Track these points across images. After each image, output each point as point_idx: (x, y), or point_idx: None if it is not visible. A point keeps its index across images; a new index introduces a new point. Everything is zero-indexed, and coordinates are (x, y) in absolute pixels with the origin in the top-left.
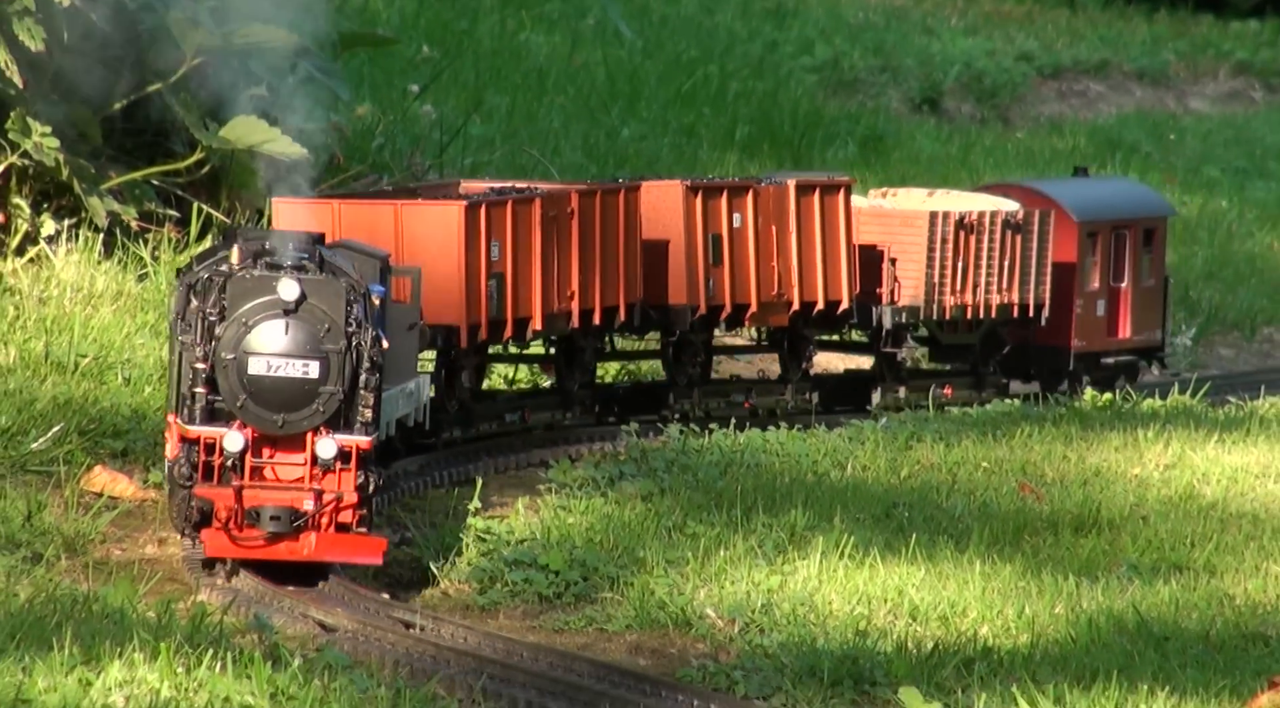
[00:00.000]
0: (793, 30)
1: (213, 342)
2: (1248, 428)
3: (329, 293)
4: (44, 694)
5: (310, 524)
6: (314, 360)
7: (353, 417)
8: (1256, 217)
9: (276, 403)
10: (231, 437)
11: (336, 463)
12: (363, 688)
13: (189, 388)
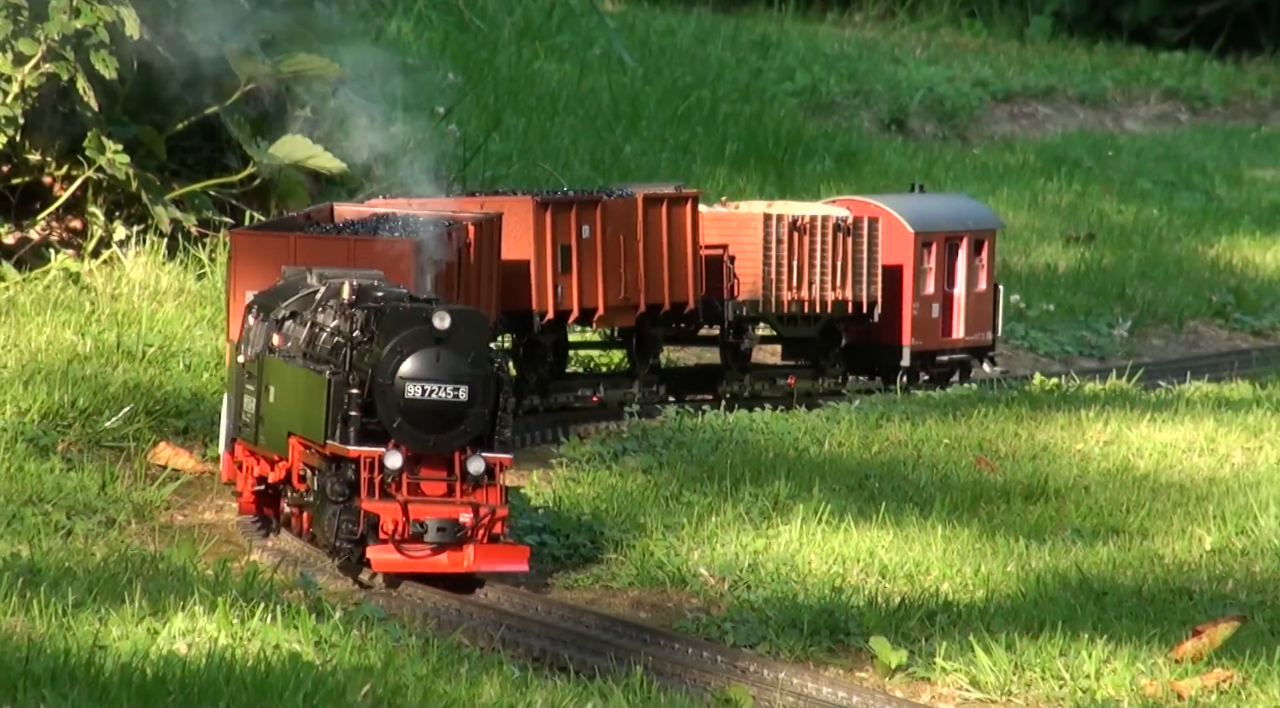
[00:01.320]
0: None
1: (368, 369)
2: (1176, 409)
3: (474, 323)
4: (118, 642)
5: (469, 536)
6: (463, 385)
7: (495, 435)
8: (1183, 223)
9: (429, 424)
10: (391, 456)
11: (484, 478)
12: (396, 638)
13: (344, 412)
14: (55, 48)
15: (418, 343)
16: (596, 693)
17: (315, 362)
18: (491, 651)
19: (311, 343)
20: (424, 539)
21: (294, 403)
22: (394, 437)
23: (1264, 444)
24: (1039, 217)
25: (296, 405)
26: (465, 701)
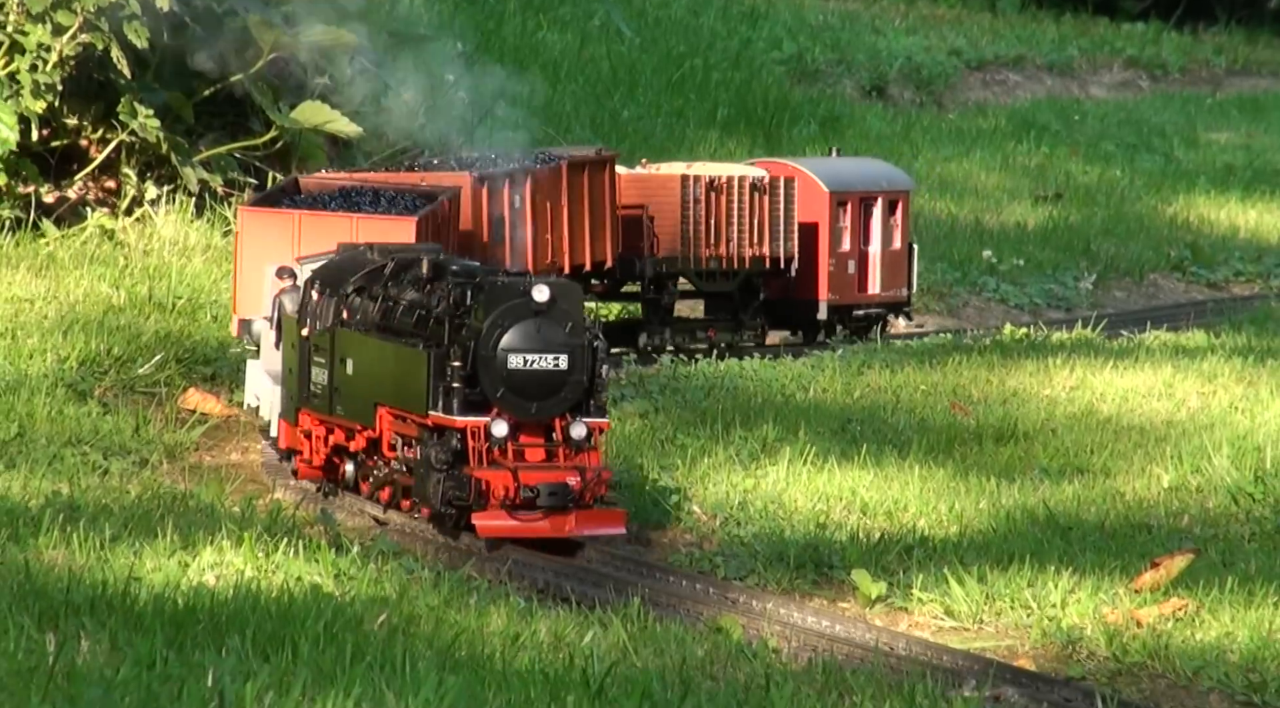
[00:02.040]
0: (764, 30)
1: (469, 342)
2: (1136, 356)
3: (570, 295)
4: (151, 574)
5: (577, 499)
6: (563, 354)
7: (592, 400)
8: (1144, 183)
9: (531, 393)
10: (497, 424)
11: (586, 442)
12: (409, 571)
13: (446, 383)
14: (91, 19)
15: (518, 315)
16: (597, 622)
17: (395, 334)
18: (499, 583)
19: (386, 316)
20: (536, 504)
21: (382, 375)
22: (497, 406)
23: (1218, 389)
24: (1009, 177)
25: (386, 378)
26: (474, 629)
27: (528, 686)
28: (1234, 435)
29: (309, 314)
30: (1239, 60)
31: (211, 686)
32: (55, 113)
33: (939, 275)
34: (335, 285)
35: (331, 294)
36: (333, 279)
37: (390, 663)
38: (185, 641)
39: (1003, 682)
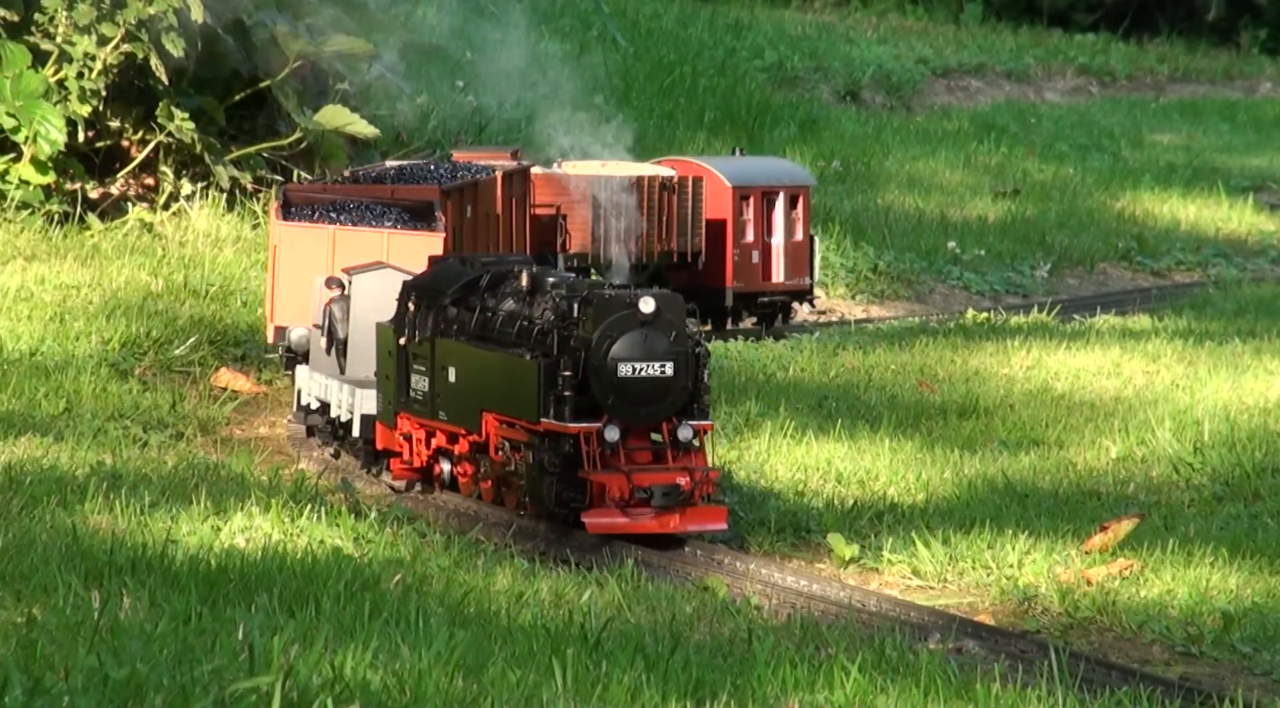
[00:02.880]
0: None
1: (579, 352)
2: (1087, 339)
3: (674, 306)
4: (186, 537)
5: (688, 498)
6: (669, 361)
7: (696, 404)
8: (1094, 181)
9: (640, 399)
10: (610, 430)
11: (692, 444)
12: (422, 535)
13: (557, 392)
14: (132, 30)
15: (626, 326)
16: (594, 582)
17: (497, 344)
18: (504, 546)
19: (485, 326)
20: (650, 504)
21: (488, 383)
22: (609, 412)
23: (1161, 368)
24: (972, 175)
25: (492, 385)
26: (482, 588)
27: (531, 639)
28: (1175, 411)
29: (406, 324)
30: (1180, 68)
31: (241, 639)
32: (99, 116)
33: (908, 264)
34: (433, 297)
35: (429, 305)
36: (429, 291)
37: (405, 619)
38: (218, 598)
39: (964, 635)
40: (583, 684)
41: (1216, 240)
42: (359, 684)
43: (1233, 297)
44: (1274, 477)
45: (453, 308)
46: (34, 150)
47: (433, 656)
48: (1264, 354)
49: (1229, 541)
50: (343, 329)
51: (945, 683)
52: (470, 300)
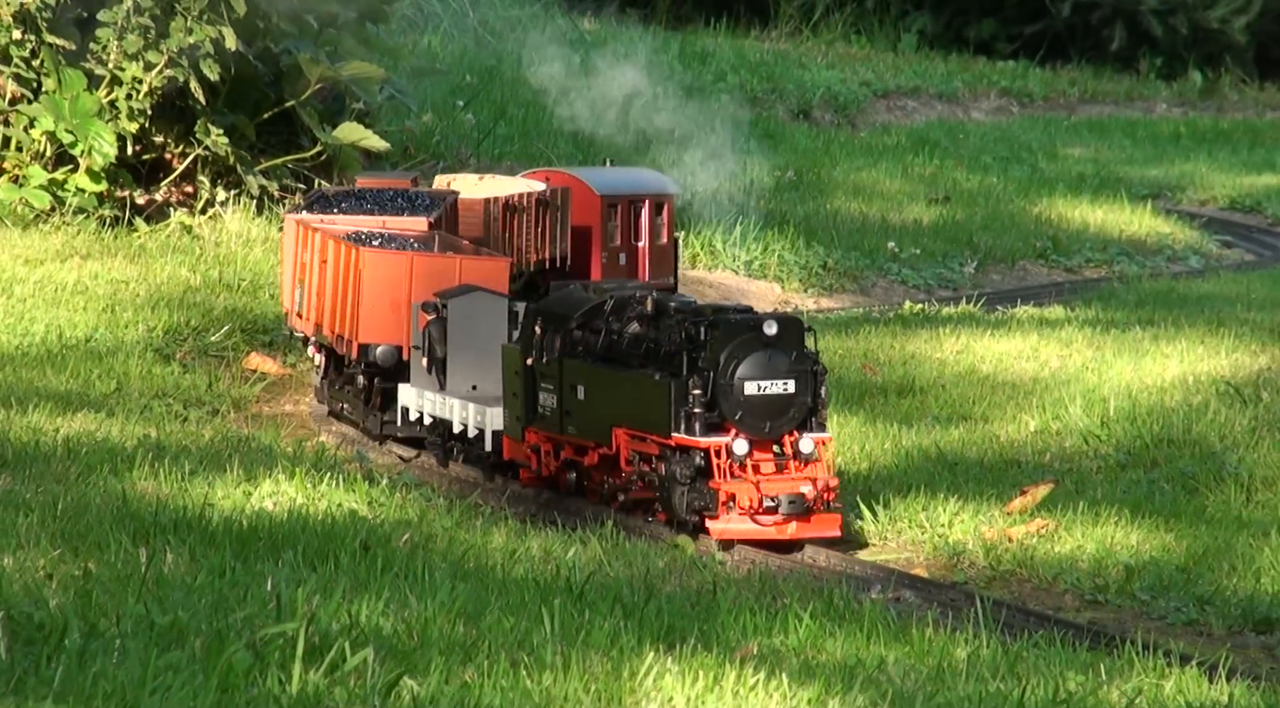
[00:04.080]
0: (711, 65)
1: (707, 372)
2: (1009, 326)
3: (794, 327)
4: (221, 500)
5: (811, 506)
6: (791, 379)
7: (814, 418)
8: (1015, 189)
9: (764, 414)
10: (739, 443)
11: (813, 455)
12: (428, 499)
13: (687, 409)
14: (174, 57)
15: (751, 347)
16: (578, 540)
17: (623, 364)
18: (500, 508)
19: (611, 348)
20: (778, 511)
21: (618, 400)
22: (736, 427)
23: (1073, 353)
24: (908, 184)
25: (622, 403)
26: (480, 546)
27: (523, 591)
28: (1085, 389)
29: (534, 346)
30: (1088, 91)
31: (270, 590)
32: (145, 132)
33: (853, 262)
34: (559, 321)
35: (556, 329)
36: (555, 315)
37: (412, 573)
38: (249, 554)
39: (902, 587)
40: (568, 630)
41: (1120, 241)
42: (373, 630)
43: (1134, 290)
44: (1169, 447)
45: (578, 331)
46: (89, 162)
47: (437, 605)
48: (1161, 340)
49: (1131, 503)
50: (440, 349)
51: (885, 628)
52: (595, 324)
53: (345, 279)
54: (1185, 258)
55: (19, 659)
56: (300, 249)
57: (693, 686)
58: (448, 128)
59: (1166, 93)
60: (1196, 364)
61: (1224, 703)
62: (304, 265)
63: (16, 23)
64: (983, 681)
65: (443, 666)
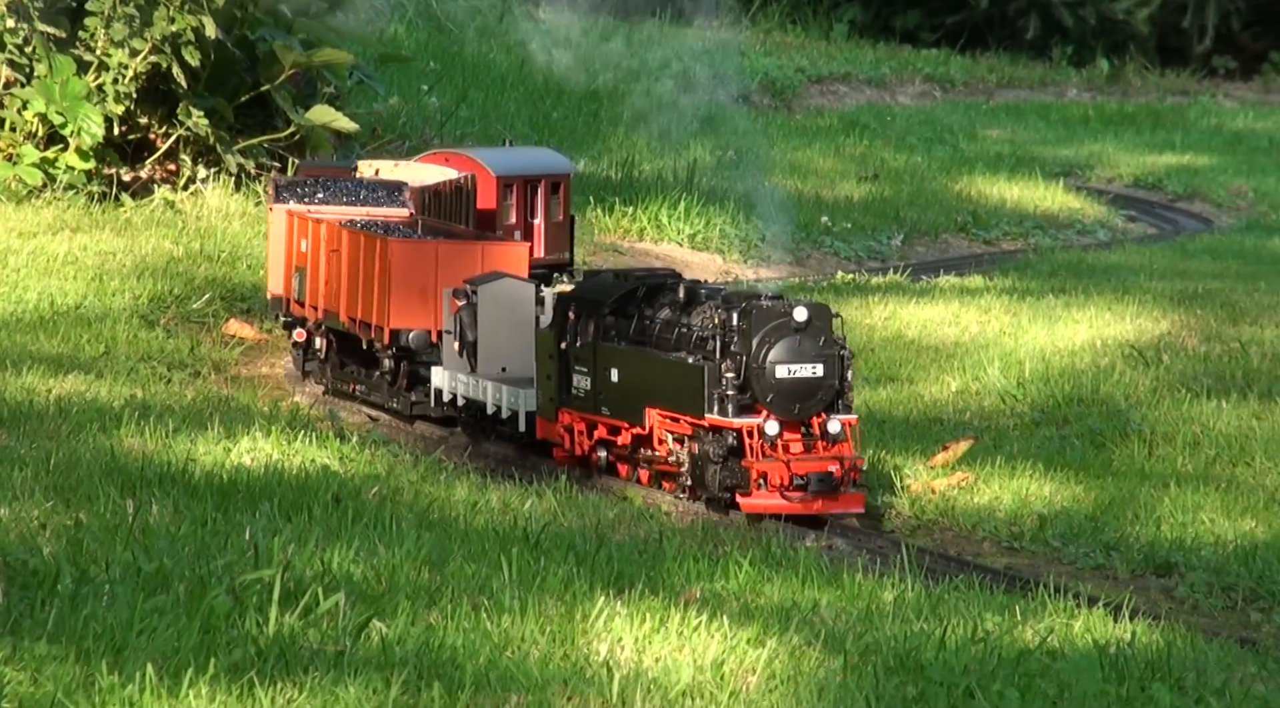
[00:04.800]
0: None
1: (740, 356)
2: (933, 295)
3: (823, 314)
4: (203, 456)
5: (839, 484)
6: (820, 363)
7: (841, 400)
8: (938, 167)
9: (794, 397)
10: (770, 424)
11: (840, 436)
12: (395, 455)
13: (721, 391)
14: (158, 44)
15: (782, 333)
16: (534, 494)
17: (656, 348)
18: (463, 463)
19: (643, 332)
20: (807, 490)
21: (652, 382)
22: (767, 409)
23: (991, 319)
24: (840, 163)
25: (655, 385)
26: (444, 498)
27: (483, 540)
28: (1003, 353)
29: (568, 331)
30: (1005, 77)
31: (248, 539)
32: (131, 114)
33: (790, 236)
34: (593, 307)
35: (589, 314)
36: (588, 302)
37: (381, 523)
38: (229, 506)
39: (834, 535)
40: (525, 576)
41: (1035, 216)
42: (344, 576)
43: (1047, 261)
44: (1079, 405)
45: (611, 316)
46: (78, 142)
47: (404, 553)
48: (1072, 307)
49: (1044, 457)
50: (471, 333)
51: (819, 574)
52: (628, 310)
53: (369, 268)
54: (1094, 231)
55: (15, 603)
56: (297, 238)
57: (640, 627)
58: (413, 110)
59: (1076, 79)
60: (1104, 329)
61: (1127, 641)
62: (303, 255)
63: (10, 12)
64: (908, 621)
65: (409, 609)
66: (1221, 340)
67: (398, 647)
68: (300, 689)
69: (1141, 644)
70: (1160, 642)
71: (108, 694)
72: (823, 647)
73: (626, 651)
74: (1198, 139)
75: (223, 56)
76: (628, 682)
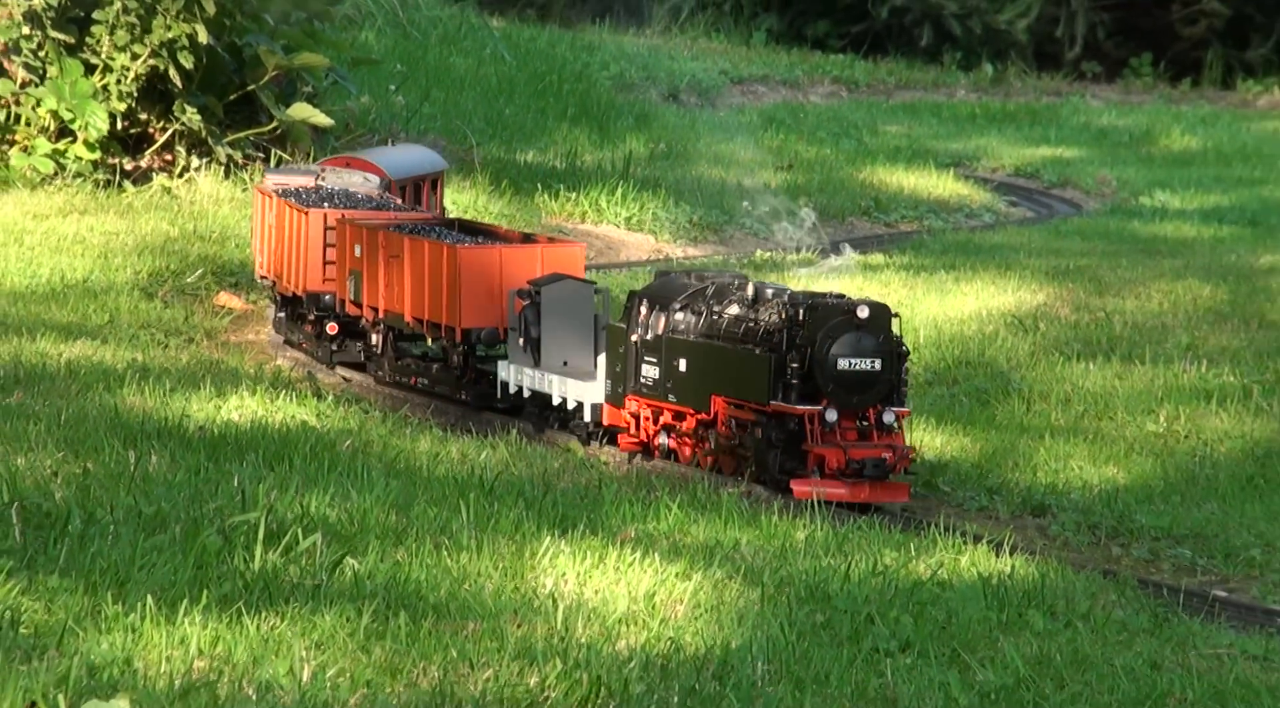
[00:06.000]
0: (597, 56)
1: (805, 349)
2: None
3: (883, 313)
4: (196, 412)
5: (891, 471)
6: (878, 358)
7: (896, 393)
8: (845, 158)
9: (853, 388)
10: (830, 412)
11: (894, 426)
12: (365, 412)
13: (785, 380)
14: (156, 49)
15: (844, 329)
16: (489, 446)
17: (724, 340)
18: (426, 419)
19: (712, 327)
20: (862, 474)
21: (719, 372)
22: (828, 398)
23: (890, 291)
24: (759, 154)
25: (722, 374)
26: (409, 450)
27: (444, 487)
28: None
29: (639, 324)
30: (902, 79)
31: (236, 486)
32: (132, 111)
33: (714, 218)
34: (663, 303)
35: (660, 310)
36: (659, 298)
37: (353, 472)
38: (219, 456)
39: (752, 484)
40: (481, 518)
41: (929, 201)
42: (321, 518)
43: (940, 241)
44: (967, 367)
45: (680, 312)
46: (85, 135)
47: (374, 498)
48: (961, 281)
49: (936, 413)
50: (535, 330)
51: (739, 516)
52: (696, 306)
53: (436, 272)
54: (980, 215)
55: (31, 541)
56: (350, 243)
57: (582, 563)
58: (382, 107)
59: (964, 81)
60: (989, 301)
61: (1007, 573)
62: (358, 260)
63: (25, 20)
64: (817, 557)
65: (378, 547)
66: (1089, 310)
67: (368, 581)
68: (282, 618)
69: (1019, 576)
70: (1035, 574)
71: (112, 622)
72: (743, 580)
73: (569, 584)
74: (1069, 134)
75: (213, 60)
76: (570, 611)
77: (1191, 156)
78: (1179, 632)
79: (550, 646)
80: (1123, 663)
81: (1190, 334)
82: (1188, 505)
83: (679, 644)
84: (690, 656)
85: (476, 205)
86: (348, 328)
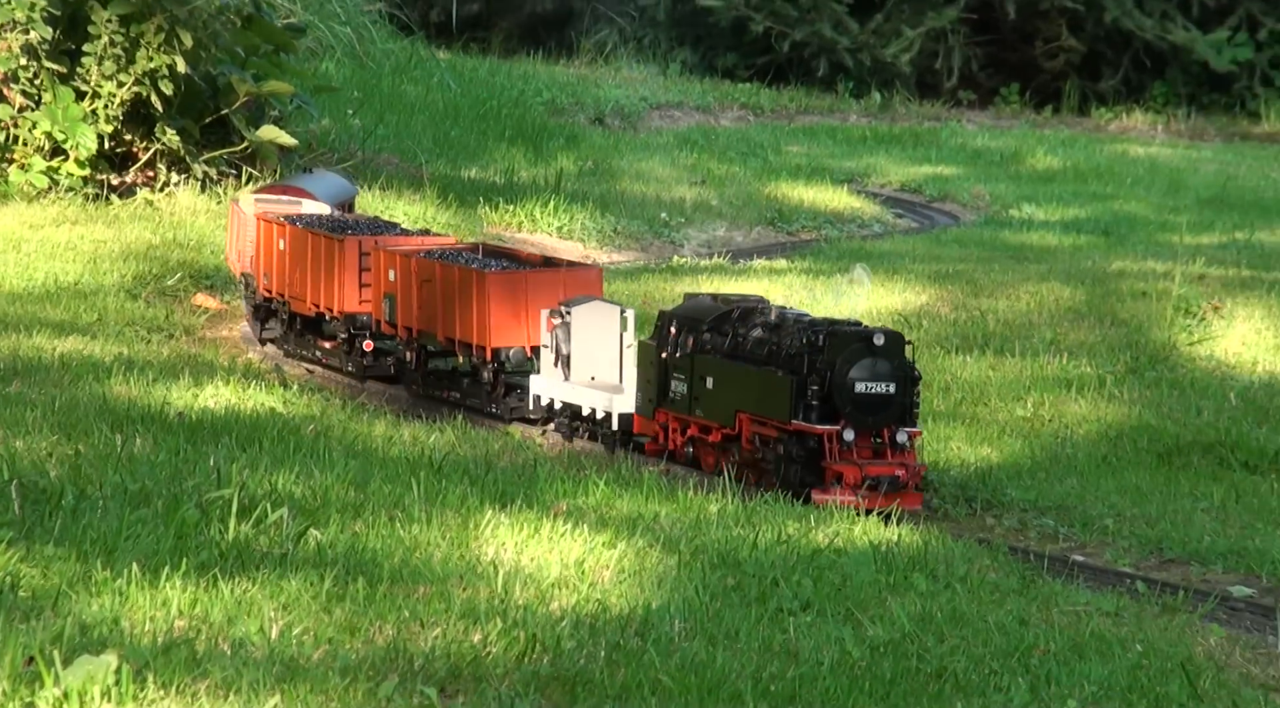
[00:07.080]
0: (532, 84)
1: (825, 372)
2: (748, 273)
3: (897, 339)
4: (176, 401)
5: (904, 487)
6: (893, 382)
7: (908, 415)
8: (752, 175)
9: (869, 409)
10: (847, 431)
11: (907, 445)
12: (327, 399)
13: (806, 401)
14: (139, 78)
15: (861, 355)
16: (438, 430)
17: (749, 361)
18: (382, 406)
19: (737, 348)
20: (879, 490)
21: (744, 391)
22: (846, 419)
23: (793, 292)
24: (676, 171)
25: (748, 393)
26: (366, 433)
27: (397, 466)
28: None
29: (669, 343)
30: (803, 106)
31: (212, 465)
32: (118, 132)
33: (636, 228)
34: (692, 324)
35: (689, 330)
36: (689, 320)
37: (316, 453)
38: (196, 439)
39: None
40: (430, 494)
41: (826, 213)
42: (287, 494)
43: (835, 248)
44: None
45: (708, 333)
46: (76, 154)
47: (334, 476)
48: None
49: None
50: (565, 347)
51: (659, 491)
52: (723, 328)
53: (466, 295)
54: (870, 225)
55: (28, 515)
56: (385, 270)
57: (520, 534)
58: (341, 129)
59: (856, 107)
60: (879, 301)
61: (894, 541)
62: (392, 284)
63: (23, 53)
64: (728, 528)
65: (339, 520)
66: (966, 309)
67: (329, 549)
68: (253, 583)
69: (905, 543)
70: (919, 541)
71: (102, 586)
72: (662, 548)
73: (509, 552)
74: (948, 154)
75: (191, 87)
76: (510, 576)
77: (1053, 174)
78: (1043, 592)
79: (491, 607)
80: (995, 620)
81: (1053, 331)
82: (1051, 481)
83: (605, 605)
84: (615, 615)
85: (426, 216)
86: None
